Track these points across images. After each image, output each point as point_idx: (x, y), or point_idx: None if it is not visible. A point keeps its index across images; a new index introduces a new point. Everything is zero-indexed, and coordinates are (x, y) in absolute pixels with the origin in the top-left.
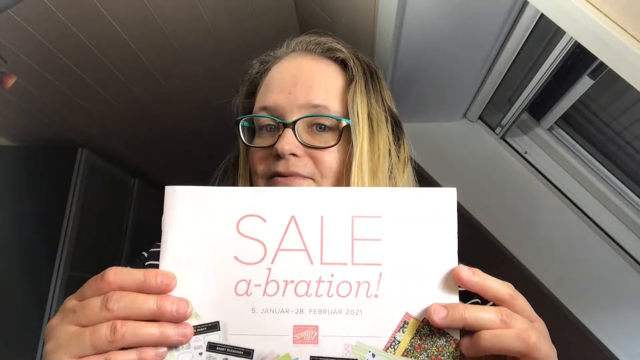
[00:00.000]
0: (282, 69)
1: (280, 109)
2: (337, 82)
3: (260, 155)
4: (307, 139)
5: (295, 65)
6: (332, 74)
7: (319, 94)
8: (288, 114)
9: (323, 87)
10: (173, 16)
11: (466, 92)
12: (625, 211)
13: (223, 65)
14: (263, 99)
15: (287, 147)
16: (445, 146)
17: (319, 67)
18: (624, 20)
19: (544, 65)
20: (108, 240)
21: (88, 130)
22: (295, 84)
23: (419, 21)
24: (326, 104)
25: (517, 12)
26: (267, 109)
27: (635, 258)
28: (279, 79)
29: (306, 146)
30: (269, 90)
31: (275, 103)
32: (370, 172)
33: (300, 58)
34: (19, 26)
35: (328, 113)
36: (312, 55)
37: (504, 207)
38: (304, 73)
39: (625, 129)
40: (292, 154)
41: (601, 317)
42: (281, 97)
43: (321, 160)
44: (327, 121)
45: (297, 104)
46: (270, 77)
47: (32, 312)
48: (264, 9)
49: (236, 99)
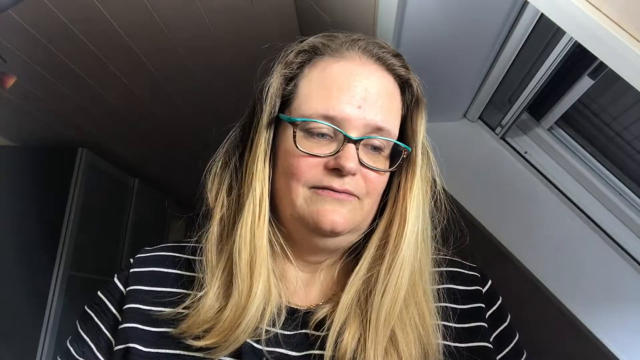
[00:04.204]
0: (347, 72)
1: (347, 122)
2: (397, 104)
3: (310, 162)
4: (365, 159)
5: (364, 73)
6: (394, 93)
7: (387, 116)
8: (353, 129)
9: (388, 108)
10: (173, 16)
11: (466, 92)
12: (625, 211)
13: (223, 65)
14: (327, 105)
15: (351, 166)
16: (445, 146)
17: (387, 84)
18: (624, 20)
19: (544, 65)
20: (108, 240)
21: (88, 130)
22: (365, 99)
23: (419, 21)
24: (390, 128)
25: (517, 12)
26: (333, 120)
27: (635, 258)
28: (347, 85)
29: (367, 167)
30: (334, 97)
31: (343, 114)
32: (417, 205)
33: (368, 66)
34: (19, 26)
35: (390, 137)
36: (378, 66)
37: (504, 207)
38: (374, 87)
39: (625, 129)
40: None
41: (601, 317)
42: (350, 109)
43: (373, 181)
44: (384, 143)
45: (365, 122)
46: (331, 75)
47: (32, 312)
48: (264, 9)
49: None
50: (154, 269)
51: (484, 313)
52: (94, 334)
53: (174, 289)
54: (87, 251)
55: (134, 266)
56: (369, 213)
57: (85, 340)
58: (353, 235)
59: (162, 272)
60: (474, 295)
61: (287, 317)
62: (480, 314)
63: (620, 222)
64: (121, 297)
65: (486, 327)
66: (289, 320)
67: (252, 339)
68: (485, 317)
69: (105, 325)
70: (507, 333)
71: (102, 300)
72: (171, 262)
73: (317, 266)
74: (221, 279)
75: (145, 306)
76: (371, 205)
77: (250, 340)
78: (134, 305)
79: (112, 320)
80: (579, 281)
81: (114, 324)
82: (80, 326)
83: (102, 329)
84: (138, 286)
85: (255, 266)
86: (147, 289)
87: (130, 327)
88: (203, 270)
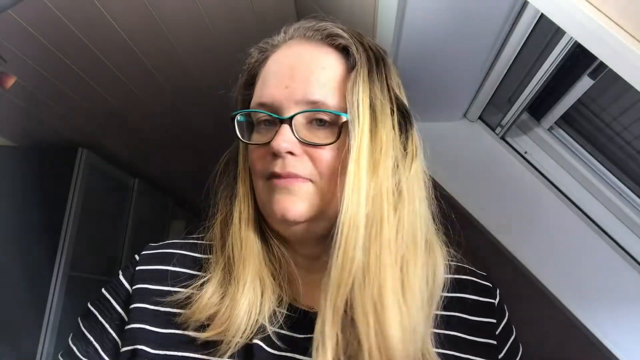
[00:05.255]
0: (279, 60)
1: (277, 103)
2: (337, 73)
3: (258, 153)
4: (306, 136)
5: (293, 55)
6: (332, 63)
7: (317, 88)
8: (285, 109)
9: (322, 80)
10: (173, 16)
11: (466, 92)
12: (625, 211)
13: (223, 65)
14: (260, 93)
15: (283, 145)
16: (445, 146)
17: (318, 57)
18: (624, 20)
19: (544, 65)
20: (108, 240)
21: (88, 130)
22: (292, 77)
23: (419, 21)
24: (324, 99)
25: (517, 12)
26: (264, 106)
27: (635, 258)
28: (276, 71)
29: (303, 142)
30: (266, 85)
31: (272, 98)
32: (369, 168)
33: (298, 47)
34: (19, 26)
35: (327, 108)
36: (311, 43)
37: (504, 207)
38: (302, 65)
39: (625, 129)
40: (290, 153)
41: (601, 317)
42: (278, 91)
43: (320, 159)
44: (326, 116)
45: (294, 99)
46: (267, 68)
47: (32, 312)
48: (264, 8)
49: (234, 90)
50: (160, 267)
51: (495, 329)
52: (98, 334)
53: (180, 288)
54: (87, 251)
55: (139, 263)
56: (332, 196)
57: (90, 340)
58: (323, 222)
59: (169, 270)
60: (487, 308)
61: (299, 319)
62: (492, 330)
63: (620, 222)
64: (127, 296)
65: (495, 344)
66: (302, 323)
67: (262, 341)
68: (495, 334)
69: (110, 325)
70: (514, 348)
71: (107, 298)
72: (177, 259)
73: (318, 263)
74: (222, 270)
75: (152, 306)
76: (331, 188)
77: (260, 342)
78: (140, 305)
79: (117, 319)
80: (579, 281)
81: (120, 324)
82: (83, 324)
83: (108, 328)
84: (144, 284)
85: (246, 257)
86: (153, 287)
87: (138, 327)
88: (208, 267)
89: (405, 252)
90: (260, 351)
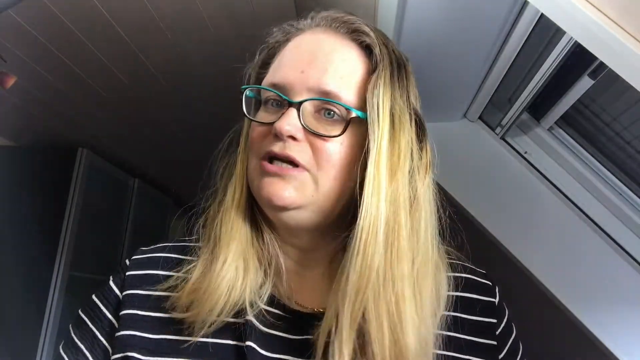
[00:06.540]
0: (300, 44)
1: (290, 86)
2: (356, 69)
3: (260, 131)
4: (311, 124)
5: (316, 41)
6: (353, 58)
7: (333, 79)
8: (296, 93)
9: (339, 72)
10: (173, 17)
11: (466, 92)
12: (625, 211)
13: (223, 65)
14: (274, 73)
15: (286, 128)
16: (445, 146)
17: (341, 49)
18: (624, 20)
19: (544, 65)
20: (108, 240)
21: (88, 130)
22: (310, 63)
23: (419, 21)
24: (338, 92)
25: (517, 12)
26: (276, 86)
27: (635, 258)
28: (295, 54)
29: (307, 130)
30: (282, 65)
31: (285, 80)
32: (388, 171)
33: (322, 34)
34: (19, 26)
35: (339, 101)
36: (337, 34)
37: (504, 207)
38: (322, 53)
39: (625, 129)
40: (292, 137)
41: (601, 317)
42: (293, 74)
43: (321, 149)
44: (336, 108)
45: (307, 86)
46: (286, 50)
47: (32, 312)
48: (264, 9)
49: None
50: (150, 271)
51: (496, 329)
52: (88, 341)
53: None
54: (87, 251)
55: (130, 269)
56: (329, 191)
57: (80, 348)
58: (313, 213)
59: (160, 274)
60: (488, 307)
61: (292, 319)
62: (493, 330)
63: (620, 222)
64: (117, 302)
65: (496, 345)
66: (293, 322)
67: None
68: (496, 334)
69: (100, 332)
70: (515, 347)
71: (96, 305)
72: (169, 263)
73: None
74: (209, 252)
75: (142, 312)
76: (329, 182)
77: (253, 344)
78: (131, 312)
79: (107, 326)
80: (578, 281)
81: (110, 331)
82: (73, 331)
83: (98, 335)
84: (135, 290)
85: (232, 237)
86: (144, 293)
87: (128, 334)
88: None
89: (419, 261)
90: (253, 354)
